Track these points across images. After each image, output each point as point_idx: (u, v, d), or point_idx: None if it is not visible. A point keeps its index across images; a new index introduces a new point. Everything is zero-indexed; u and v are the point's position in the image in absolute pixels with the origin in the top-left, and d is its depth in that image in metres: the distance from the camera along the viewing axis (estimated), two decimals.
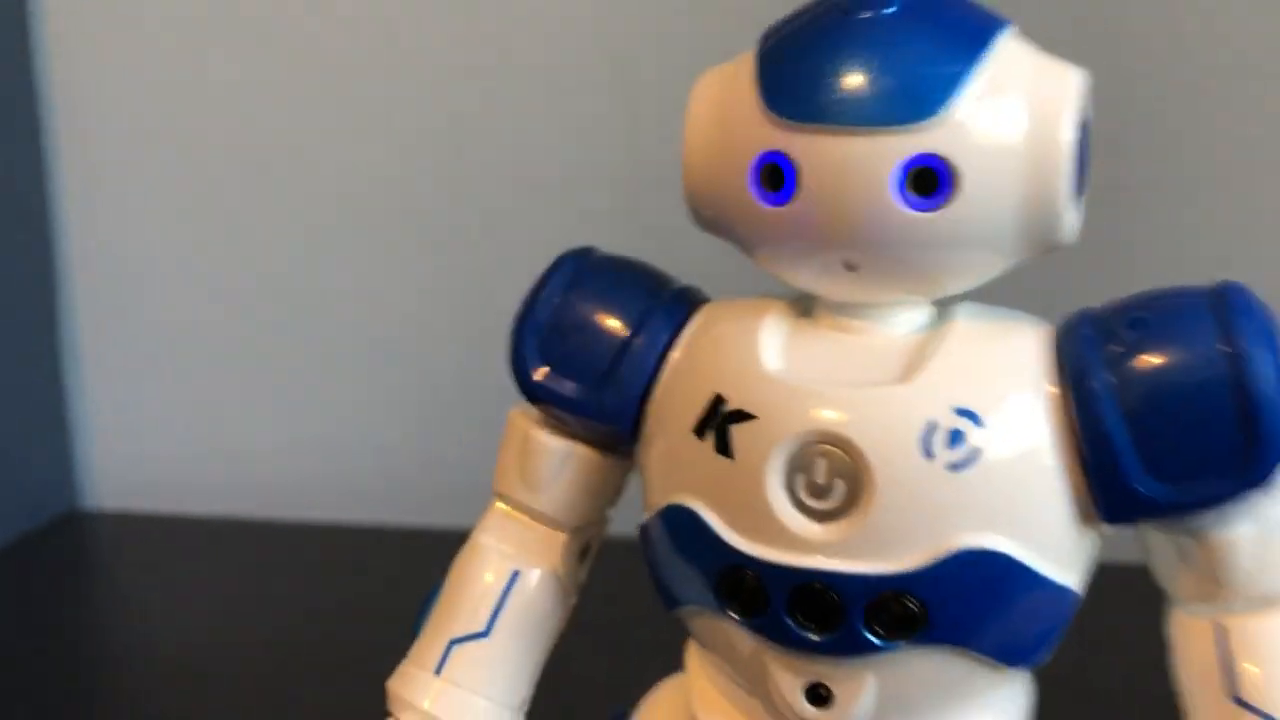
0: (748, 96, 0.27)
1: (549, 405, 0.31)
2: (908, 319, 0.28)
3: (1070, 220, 0.26)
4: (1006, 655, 0.27)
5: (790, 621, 0.26)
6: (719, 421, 0.27)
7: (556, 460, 0.31)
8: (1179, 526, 0.27)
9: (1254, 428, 0.25)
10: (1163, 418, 0.26)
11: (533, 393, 0.31)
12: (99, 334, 0.88)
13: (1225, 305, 0.26)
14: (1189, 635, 0.28)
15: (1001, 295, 0.29)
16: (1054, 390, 0.27)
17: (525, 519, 0.32)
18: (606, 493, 0.32)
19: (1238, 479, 0.26)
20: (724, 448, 0.27)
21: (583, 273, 0.31)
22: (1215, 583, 0.27)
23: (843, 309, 0.28)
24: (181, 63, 0.82)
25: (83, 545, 0.85)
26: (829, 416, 0.26)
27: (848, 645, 0.26)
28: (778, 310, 0.29)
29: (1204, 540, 0.27)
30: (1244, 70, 0.68)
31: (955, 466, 0.26)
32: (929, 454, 0.26)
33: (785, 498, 0.26)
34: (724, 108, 0.27)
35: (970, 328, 0.27)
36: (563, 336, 0.30)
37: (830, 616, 0.26)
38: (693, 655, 0.31)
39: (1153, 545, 0.29)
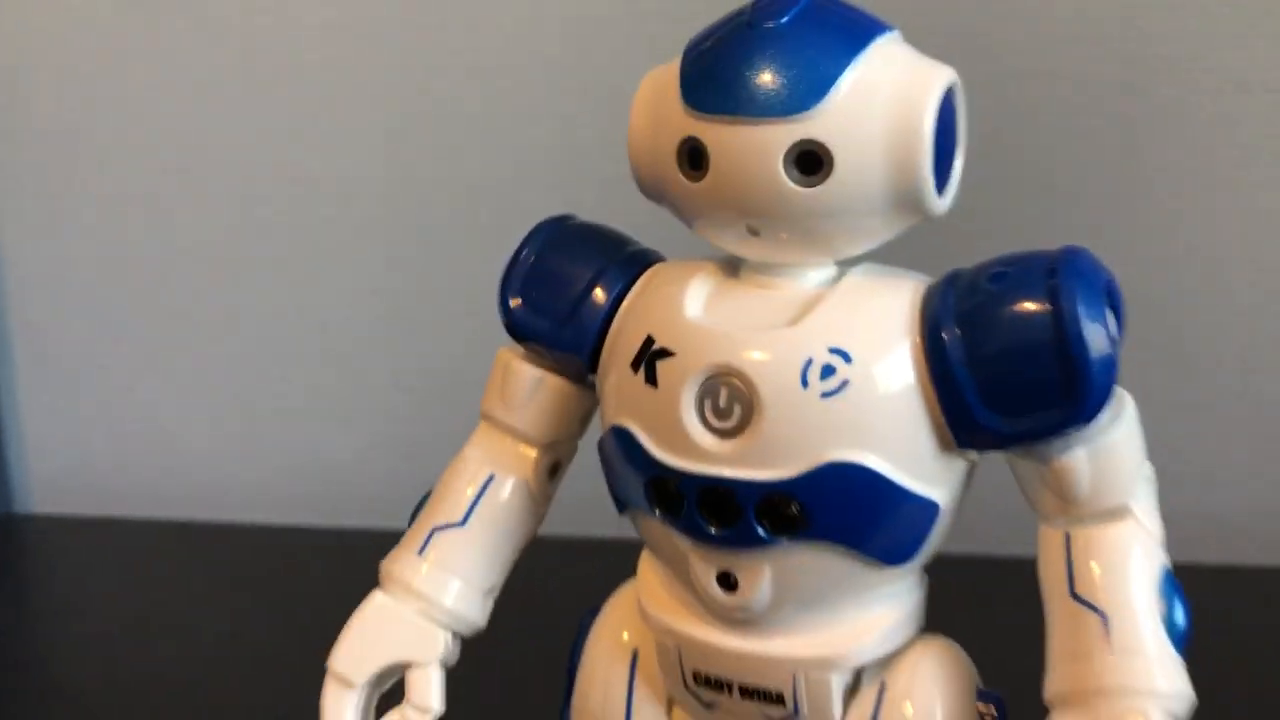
0: (673, 92, 0.32)
1: (525, 339, 0.37)
2: (813, 276, 0.33)
3: (934, 195, 0.31)
4: (880, 554, 0.32)
5: (700, 519, 0.32)
6: (648, 357, 0.33)
7: (530, 384, 0.37)
8: (1027, 453, 0.32)
9: (1073, 371, 0.30)
10: (999, 362, 0.31)
11: (512, 326, 0.37)
12: (33, 338, 0.88)
13: (1061, 264, 0.31)
14: (1046, 544, 0.33)
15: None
16: (916, 338, 0.32)
17: (504, 435, 0.38)
18: (571, 417, 0.38)
19: (1064, 414, 0.31)
20: (651, 379, 0.33)
21: (558, 233, 0.37)
22: (1063, 500, 0.32)
23: (760, 268, 0.34)
24: (109, 63, 0.82)
25: (18, 549, 0.85)
26: (728, 353, 0.32)
27: (745, 538, 0.32)
28: (709, 269, 0.34)
29: (1048, 464, 0.32)
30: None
31: (826, 394, 0.31)
32: (805, 384, 0.31)
33: (696, 419, 0.32)
34: (656, 101, 0.33)
35: (858, 283, 0.33)
36: (538, 283, 0.36)
37: (729, 514, 0.32)
38: (643, 558, 0.37)
39: (1016, 470, 0.33)
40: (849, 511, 0.32)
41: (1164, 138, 0.73)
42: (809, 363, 0.31)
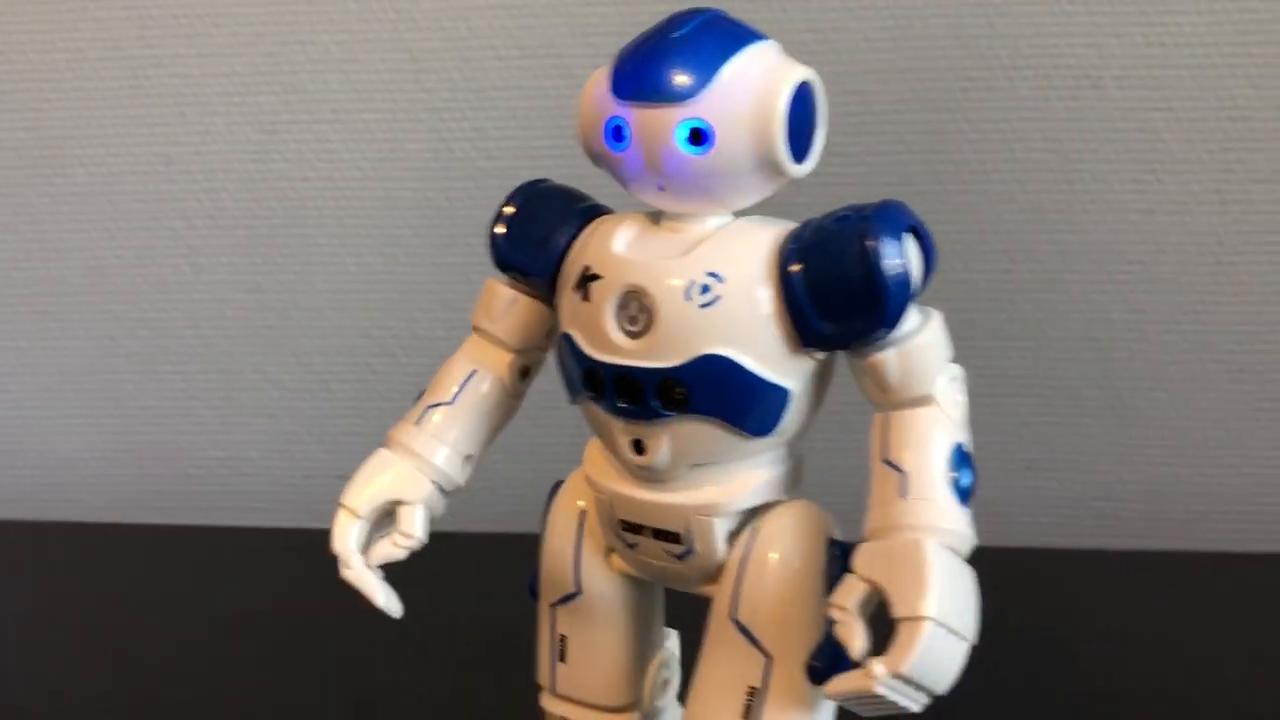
0: (603, 82, 0.41)
1: (505, 267, 0.46)
2: (712, 222, 0.42)
3: (789, 162, 0.40)
4: (746, 427, 0.42)
5: (615, 398, 0.42)
6: (584, 280, 0.42)
7: (506, 302, 0.47)
8: (854, 353, 0.41)
9: (873, 286, 0.39)
10: (825, 281, 0.40)
11: (496, 256, 0.46)
12: None
13: (875, 209, 0.40)
14: (874, 427, 0.42)
15: None
16: (773, 264, 0.41)
17: (486, 342, 0.48)
18: (537, 329, 0.47)
19: (870, 320, 0.40)
20: (586, 296, 0.42)
21: (534, 190, 0.46)
22: (879, 389, 0.41)
23: (674, 216, 0.42)
24: None
25: None
26: (638, 276, 0.41)
27: (647, 413, 0.41)
28: (637, 218, 0.43)
29: (865, 360, 0.41)
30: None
31: (704, 305, 0.40)
32: (689, 298, 0.40)
33: (615, 325, 0.41)
34: (593, 91, 0.42)
35: (739, 226, 0.42)
36: (516, 225, 0.45)
37: (636, 395, 0.41)
38: (591, 440, 0.46)
39: (851, 368, 0.42)
40: (719, 393, 0.41)
41: (1023, 133, 0.75)
42: (692, 283, 0.40)
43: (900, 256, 0.39)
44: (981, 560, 0.40)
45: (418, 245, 0.81)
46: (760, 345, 0.41)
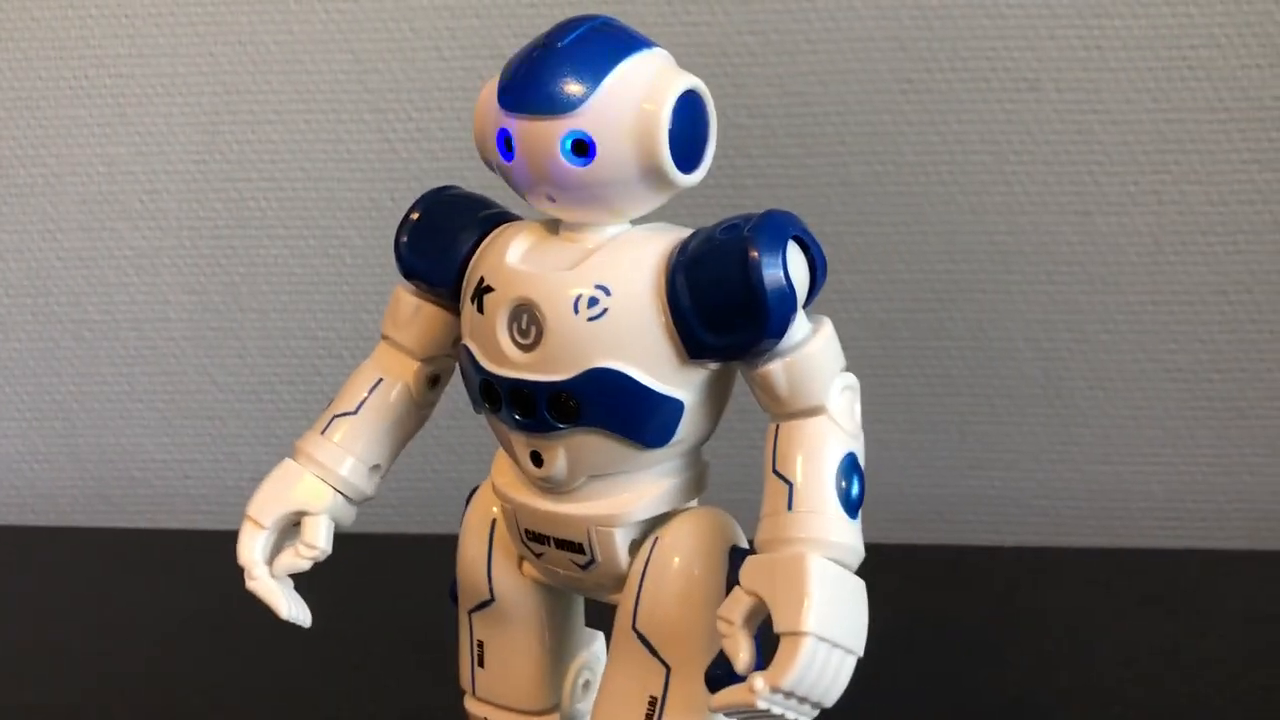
0: (492, 93, 0.41)
1: (409, 275, 0.46)
2: (609, 230, 0.42)
3: (675, 172, 0.40)
4: (639, 438, 0.42)
5: (511, 411, 0.42)
6: (479, 292, 0.42)
7: (411, 310, 0.46)
8: (744, 364, 0.41)
9: (753, 298, 0.39)
10: (708, 293, 0.39)
11: (400, 264, 0.45)
12: None
13: (759, 219, 0.40)
14: (768, 437, 0.41)
15: None
16: (661, 276, 0.41)
17: (393, 350, 0.47)
18: (443, 338, 0.47)
19: (754, 332, 0.39)
20: (480, 308, 0.42)
21: (438, 198, 0.46)
22: (770, 399, 0.41)
23: (569, 225, 0.42)
24: None
25: None
26: (527, 289, 0.41)
27: (541, 425, 0.41)
28: (535, 227, 0.43)
29: (755, 371, 0.41)
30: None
31: (592, 319, 0.40)
32: (577, 311, 0.40)
33: (507, 337, 0.41)
34: (485, 103, 0.41)
35: (631, 236, 0.42)
36: (420, 234, 0.45)
37: (529, 407, 0.41)
38: (499, 450, 0.45)
39: (746, 381, 0.42)
40: (610, 405, 0.41)
41: (962, 135, 0.76)
42: (579, 296, 0.40)
43: (782, 268, 0.39)
44: (925, 558, 0.41)
45: (362, 246, 0.81)
46: (649, 357, 0.40)
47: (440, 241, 0.45)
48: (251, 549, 0.46)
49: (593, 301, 0.40)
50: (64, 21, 0.78)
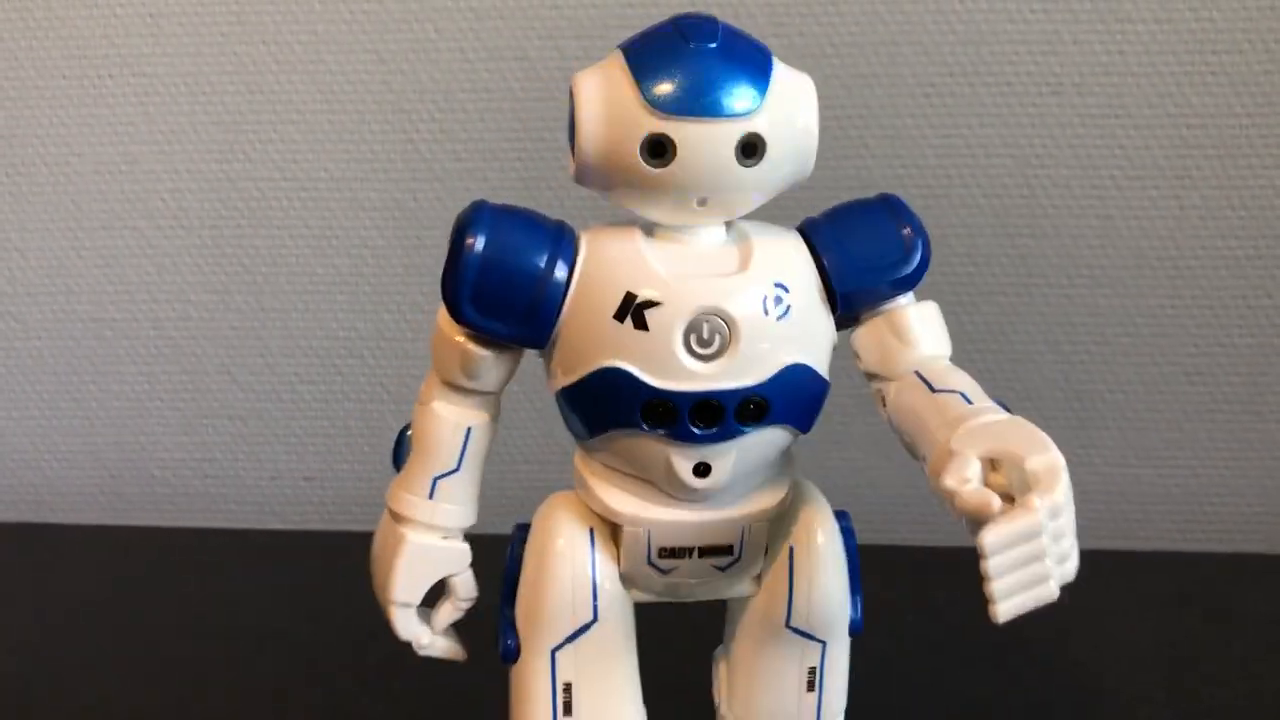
0: (629, 95, 0.39)
1: (484, 334, 0.42)
2: (715, 232, 0.42)
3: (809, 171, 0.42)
4: (804, 425, 0.43)
5: (690, 426, 0.41)
6: (636, 309, 0.40)
7: (489, 361, 0.43)
8: (876, 313, 0.43)
9: (912, 236, 0.43)
10: (864, 237, 0.43)
11: (470, 327, 0.42)
12: None
13: (884, 194, 0.45)
14: (904, 389, 0.42)
15: None
16: (814, 264, 0.42)
17: (466, 395, 0.44)
18: (516, 366, 0.44)
19: (904, 271, 0.43)
20: (641, 325, 0.40)
21: (490, 228, 0.41)
22: (904, 344, 0.43)
23: (673, 228, 0.42)
24: None
25: None
26: (710, 297, 0.40)
27: (725, 434, 0.41)
28: (635, 232, 0.42)
29: (890, 315, 0.43)
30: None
31: (780, 318, 0.41)
32: (766, 313, 0.40)
33: (684, 350, 0.40)
34: (609, 103, 0.40)
35: (760, 234, 0.42)
36: (489, 285, 0.41)
37: (716, 418, 0.41)
38: (585, 469, 0.44)
39: (866, 347, 0.43)
40: (795, 400, 0.42)
41: (984, 139, 0.76)
42: (765, 297, 0.40)
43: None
44: (942, 560, 0.41)
45: (384, 246, 0.81)
46: (820, 344, 0.43)
47: (522, 292, 0.41)
48: (411, 625, 0.46)
49: (778, 300, 0.41)
50: (88, 21, 0.78)
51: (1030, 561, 0.36)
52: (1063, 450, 0.79)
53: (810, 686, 0.45)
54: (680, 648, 0.49)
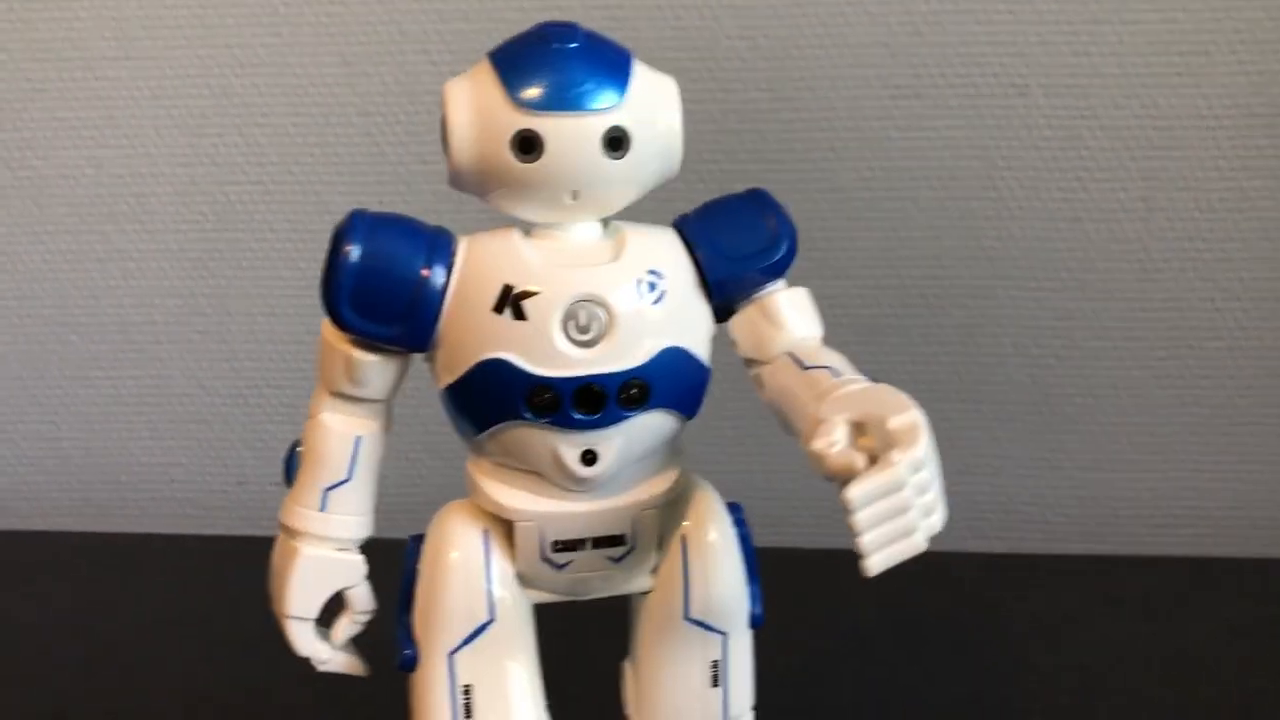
0: (497, 96, 0.41)
1: (363, 339, 0.43)
2: (589, 228, 0.43)
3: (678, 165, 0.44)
4: (687, 410, 0.44)
5: (573, 412, 0.41)
6: (514, 300, 0.41)
7: (374, 367, 0.43)
8: (749, 302, 0.44)
9: (778, 226, 0.45)
10: (736, 243, 0.44)
11: (350, 332, 0.42)
12: None
13: (752, 189, 0.46)
14: (777, 370, 0.43)
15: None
16: (688, 253, 0.44)
17: (356, 404, 0.44)
18: (404, 370, 0.44)
19: (773, 258, 0.44)
20: (519, 315, 0.41)
21: (367, 234, 0.42)
22: (776, 329, 0.44)
23: (548, 227, 0.43)
24: None
25: None
26: (586, 285, 0.41)
27: (608, 418, 0.42)
28: (514, 233, 0.43)
29: (762, 301, 0.44)
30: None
31: (655, 302, 0.42)
32: (640, 298, 0.42)
33: (563, 337, 0.41)
34: (478, 106, 0.41)
35: (634, 229, 0.43)
36: (366, 289, 0.41)
37: (598, 403, 0.41)
38: (477, 470, 0.45)
39: (741, 332, 0.45)
40: (675, 384, 0.43)
41: (951, 141, 0.76)
42: (639, 282, 0.42)
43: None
44: (912, 563, 0.41)
45: None
46: (697, 329, 0.44)
47: (400, 294, 0.42)
48: (309, 640, 0.46)
49: (652, 285, 0.42)
50: (52, 24, 0.78)
51: (896, 515, 0.36)
52: (1031, 454, 0.80)
53: (714, 681, 0.46)
54: (589, 656, 0.49)
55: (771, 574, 0.46)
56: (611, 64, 0.42)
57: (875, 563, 0.36)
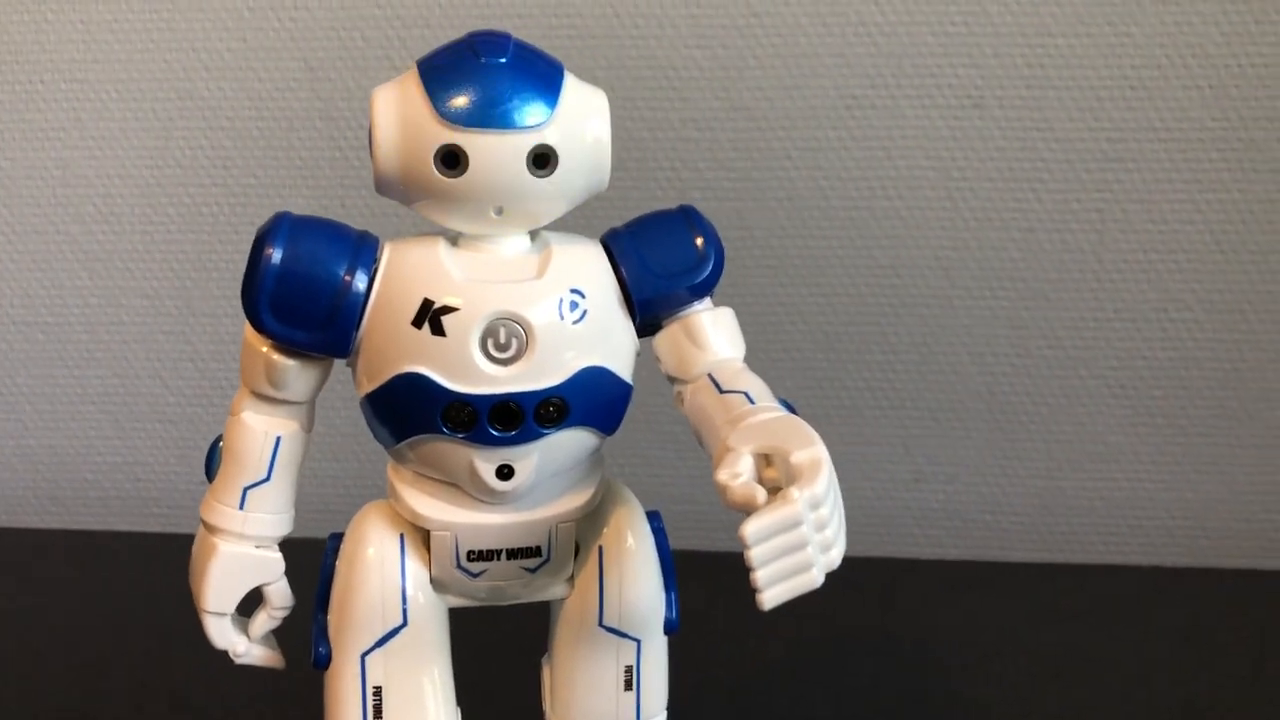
0: (422, 109, 0.40)
1: (284, 344, 0.43)
2: (516, 241, 0.43)
3: (606, 181, 0.43)
4: (606, 427, 0.44)
5: (490, 429, 0.41)
6: (434, 315, 0.41)
7: (294, 370, 0.43)
8: (673, 319, 0.45)
9: (707, 244, 0.44)
10: (661, 247, 0.44)
11: (270, 337, 0.42)
12: None
13: (684, 208, 0.46)
14: (697, 390, 0.44)
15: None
16: (612, 272, 0.44)
17: (275, 404, 0.44)
18: (325, 375, 0.45)
19: (699, 276, 0.44)
20: (438, 330, 0.41)
21: (288, 239, 0.41)
22: (699, 348, 0.44)
23: (477, 238, 0.43)
24: None
25: None
26: (505, 302, 0.41)
27: (525, 435, 0.42)
28: (437, 242, 0.42)
29: (685, 320, 0.45)
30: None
31: (576, 321, 0.42)
32: (562, 317, 0.41)
33: (481, 355, 0.41)
34: (402, 115, 0.41)
35: (561, 243, 0.43)
36: (286, 295, 0.41)
37: (515, 420, 0.41)
38: (396, 477, 0.45)
39: (664, 351, 0.45)
40: (594, 402, 0.43)
41: (906, 151, 0.76)
42: (561, 301, 0.41)
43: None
44: (868, 570, 0.41)
45: None
46: (619, 348, 0.44)
47: (320, 300, 0.41)
48: (226, 634, 0.46)
49: (574, 305, 0.42)
50: (19, 26, 0.79)
51: (793, 550, 0.37)
52: (985, 461, 0.80)
53: (628, 685, 0.46)
54: (508, 656, 0.50)
55: (705, 578, 0.47)
56: (540, 79, 0.41)
57: (769, 598, 0.37)
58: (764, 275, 0.78)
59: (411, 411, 0.42)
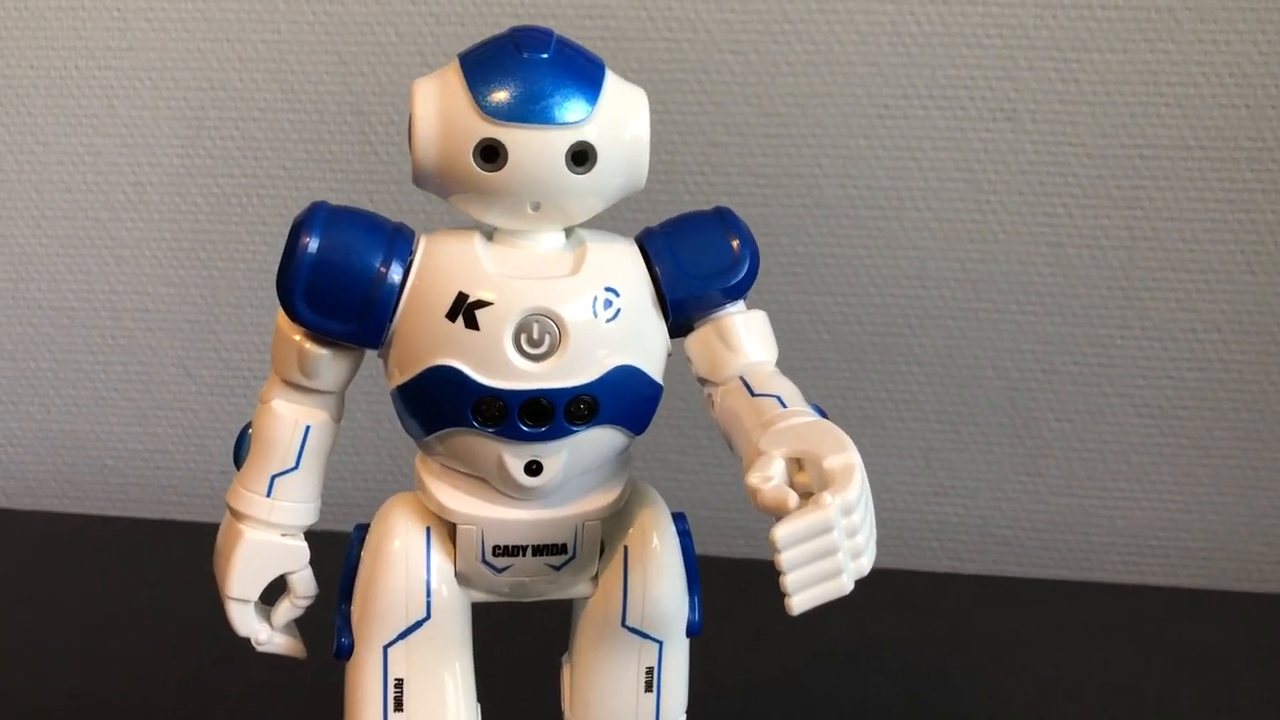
0: (463, 102, 0.40)
1: (319, 334, 0.43)
2: (552, 237, 0.43)
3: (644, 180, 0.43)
4: (636, 427, 0.44)
5: (520, 424, 0.42)
6: (468, 308, 0.41)
7: (325, 360, 0.43)
8: (706, 321, 0.44)
9: (741, 247, 0.44)
10: (696, 247, 0.44)
11: (305, 326, 0.42)
12: None
13: (718, 208, 0.46)
14: (728, 392, 0.43)
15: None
16: (647, 271, 0.44)
17: (306, 393, 0.44)
18: (356, 365, 0.45)
19: (733, 279, 0.44)
20: (472, 324, 0.41)
21: (324, 229, 0.41)
22: (730, 349, 0.44)
23: (513, 233, 0.43)
24: None
25: None
26: (540, 298, 0.41)
27: (555, 432, 0.42)
28: (473, 236, 0.43)
29: (718, 322, 0.44)
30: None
31: (609, 320, 0.42)
32: (595, 315, 0.42)
33: (514, 350, 0.41)
34: (442, 109, 0.41)
35: (596, 241, 0.43)
36: (322, 285, 0.41)
37: (545, 416, 0.42)
38: (424, 469, 0.45)
39: (696, 352, 0.45)
40: (625, 401, 0.43)
41: (937, 162, 0.76)
42: (595, 299, 0.42)
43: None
44: (887, 583, 0.41)
45: None
46: (651, 348, 0.44)
47: (356, 290, 0.41)
48: (248, 621, 0.46)
49: (608, 304, 0.42)
50: (56, 14, 0.79)
51: (823, 556, 0.36)
52: (1007, 477, 0.80)
53: (649, 686, 0.46)
54: (529, 653, 0.50)
55: (728, 585, 0.47)
56: (582, 76, 0.41)
57: (798, 602, 0.36)
58: (789, 282, 0.78)
59: (442, 404, 0.42)
